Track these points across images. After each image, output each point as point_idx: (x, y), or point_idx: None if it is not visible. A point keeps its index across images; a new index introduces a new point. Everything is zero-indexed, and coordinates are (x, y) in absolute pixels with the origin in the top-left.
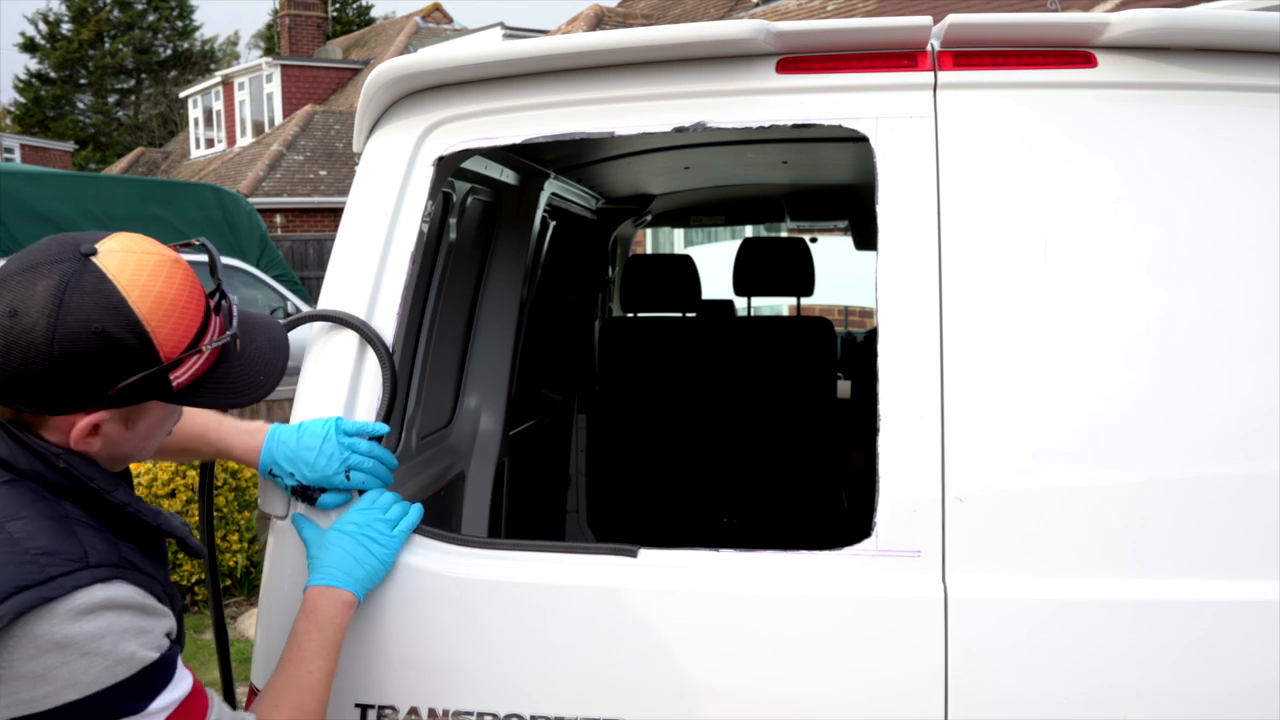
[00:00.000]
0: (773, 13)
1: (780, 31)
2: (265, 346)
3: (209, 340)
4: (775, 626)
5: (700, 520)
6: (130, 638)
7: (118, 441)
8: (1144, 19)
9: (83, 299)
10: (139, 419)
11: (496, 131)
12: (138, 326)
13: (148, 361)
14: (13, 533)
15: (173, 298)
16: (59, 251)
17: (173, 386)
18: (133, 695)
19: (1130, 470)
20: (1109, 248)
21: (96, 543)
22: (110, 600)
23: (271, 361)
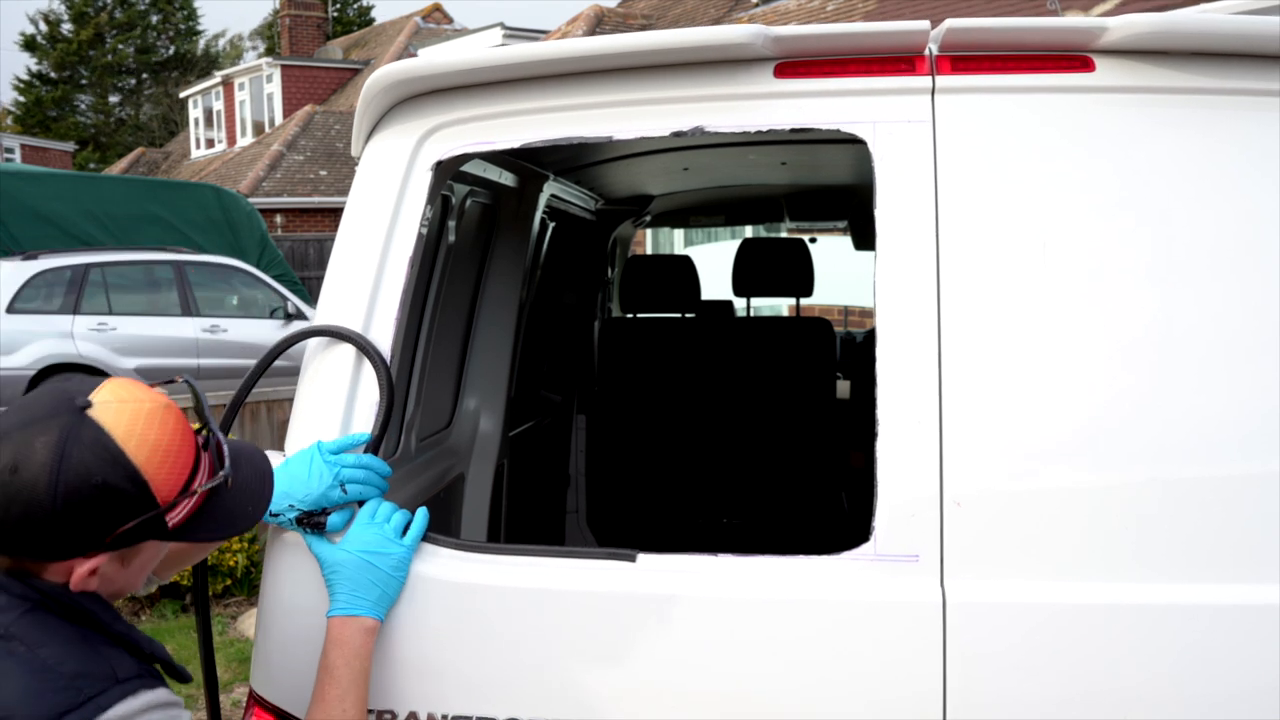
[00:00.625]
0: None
1: (778, 36)
2: (251, 476)
3: (200, 482)
4: (774, 631)
5: (700, 521)
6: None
7: (114, 579)
8: (1142, 23)
9: (83, 452)
10: (134, 557)
11: (495, 136)
12: (136, 475)
13: (145, 507)
14: (45, 659)
15: (166, 444)
16: (54, 405)
17: (168, 526)
18: None
19: (1129, 473)
20: (1107, 251)
21: (119, 658)
22: (156, 701)
23: (259, 491)
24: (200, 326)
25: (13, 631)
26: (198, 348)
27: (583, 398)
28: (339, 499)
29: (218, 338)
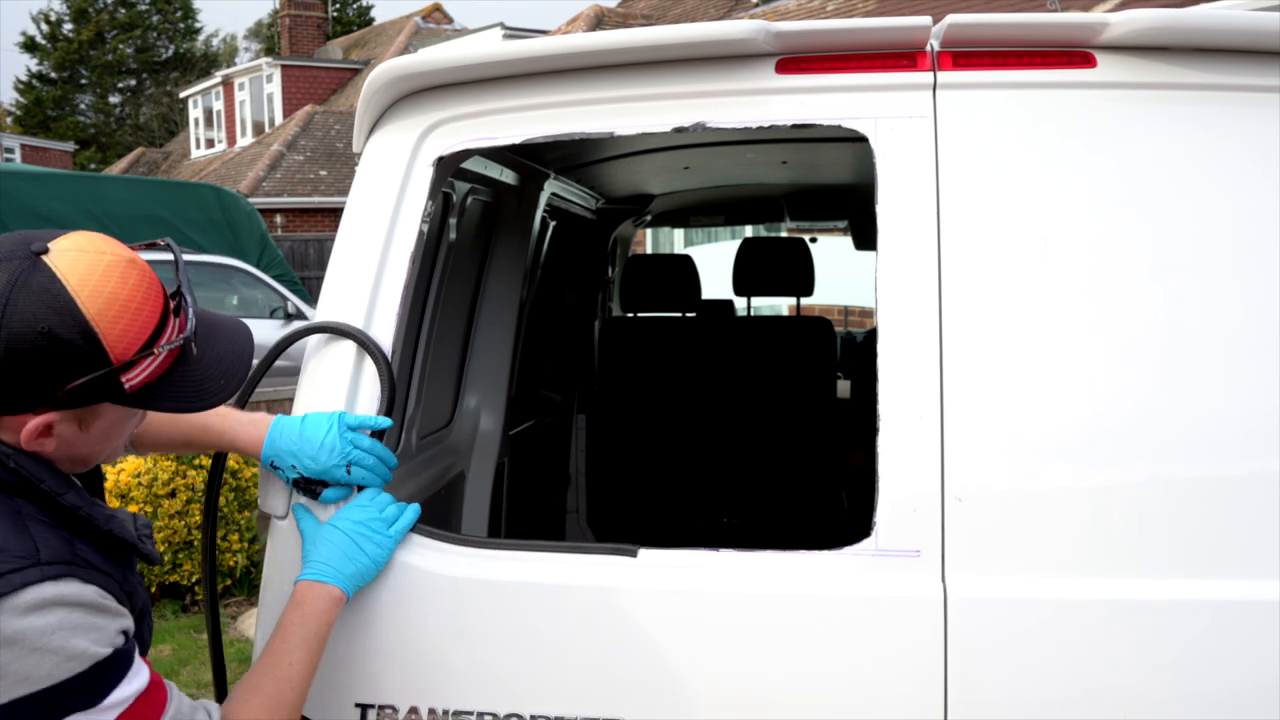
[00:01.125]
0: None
1: (780, 32)
2: (228, 351)
3: (164, 343)
4: (775, 626)
5: (700, 520)
6: (81, 634)
7: (73, 443)
8: (1143, 19)
9: (29, 299)
10: (93, 420)
11: (496, 132)
12: (87, 328)
13: (97, 364)
14: None
15: (125, 298)
16: (9, 249)
17: (125, 389)
18: (85, 691)
19: (1130, 470)
20: (1109, 247)
21: (50, 539)
22: (60, 597)
23: (233, 366)
24: None
25: None
26: None
27: (583, 397)
28: (341, 479)
29: None
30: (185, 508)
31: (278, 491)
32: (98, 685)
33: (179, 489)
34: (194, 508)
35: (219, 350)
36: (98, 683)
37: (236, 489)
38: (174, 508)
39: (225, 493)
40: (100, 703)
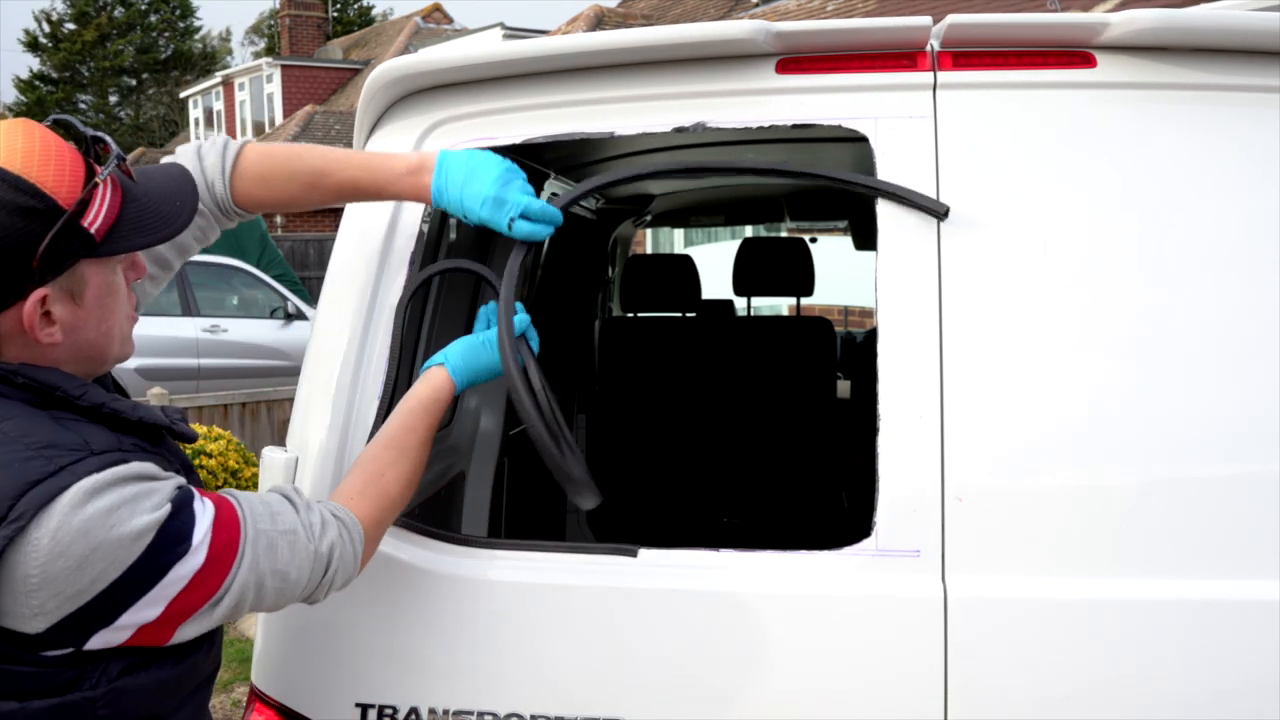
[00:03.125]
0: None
1: (780, 32)
2: (164, 180)
3: (102, 172)
4: (775, 626)
5: (700, 520)
6: (142, 502)
7: (76, 325)
8: (1143, 19)
9: None
10: (82, 289)
11: (496, 132)
12: (23, 183)
13: (51, 214)
14: (8, 431)
15: (41, 148)
16: None
17: (93, 236)
18: (171, 545)
19: (1132, 470)
20: (1108, 248)
21: (95, 432)
22: (116, 476)
23: (178, 189)
24: (200, 326)
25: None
26: (198, 348)
27: (583, 397)
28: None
29: (218, 338)
30: None
31: None
32: (179, 536)
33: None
34: None
35: (156, 182)
36: (178, 535)
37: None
38: None
39: None
40: (188, 549)
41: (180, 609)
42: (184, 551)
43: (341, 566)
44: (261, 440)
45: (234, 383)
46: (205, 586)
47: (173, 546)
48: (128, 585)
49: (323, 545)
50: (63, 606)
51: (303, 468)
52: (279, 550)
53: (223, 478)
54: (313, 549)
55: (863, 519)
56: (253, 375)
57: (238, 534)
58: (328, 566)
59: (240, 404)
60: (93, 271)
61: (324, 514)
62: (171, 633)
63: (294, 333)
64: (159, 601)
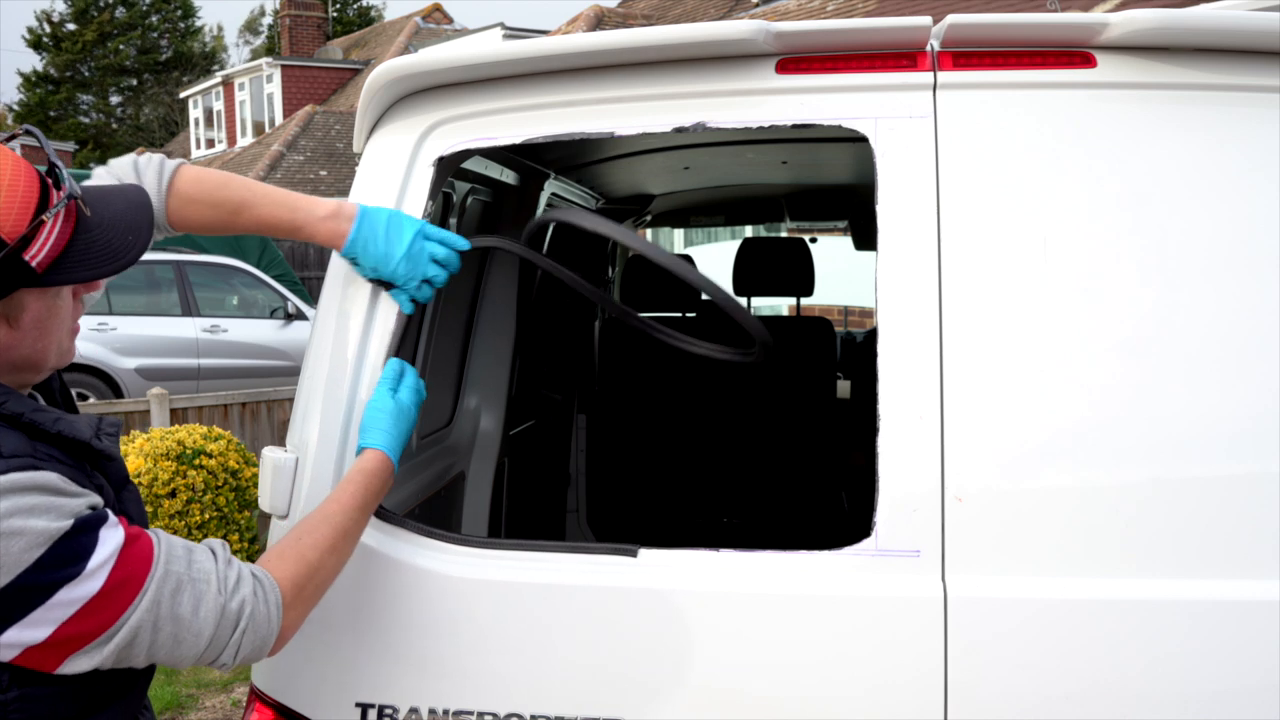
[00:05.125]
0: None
1: (780, 32)
2: (124, 208)
3: (52, 208)
4: (775, 626)
5: (700, 520)
6: (40, 514)
7: (10, 344)
8: (1143, 19)
9: None
10: (19, 314)
11: (496, 132)
12: None
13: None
14: None
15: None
16: None
17: (34, 268)
18: (63, 563)
19: (1131, 470)
20: (1108, 248)
21: (9, 438)
22: (15, 483)
23: (136, 220)
24: (200, 326)
25: None
26: (198, 348)
27: (583, 397)
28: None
29: (218, 338)
30: (185, 508)
31: (279, 490)
32: (73, 555)
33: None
34: (194, 508)
35: (115, 210)
36: (72, 553)
37: (237, 489)
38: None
39: (225, 493)
40: (83, 570)
41: (68, 636)
42: (76, 574)
43: (252, 627)
44: (261, 440)
45: (234, 383)
46: (98, 617)
47: (65, 565)
48: (10, 598)
49: (233, 602)
50: None
51: (302, 468)
52: (184, 596)
53: (223, 478)
54: (221, 603)
55: (863, 519)
56: (253, 375)
57: (145, 568)
58: (236, 624)
59: (240, 404)
60: (32, 299)
61: (242, 572)
62: (59, 662)
63: (294, 333)
64: (44, 624)
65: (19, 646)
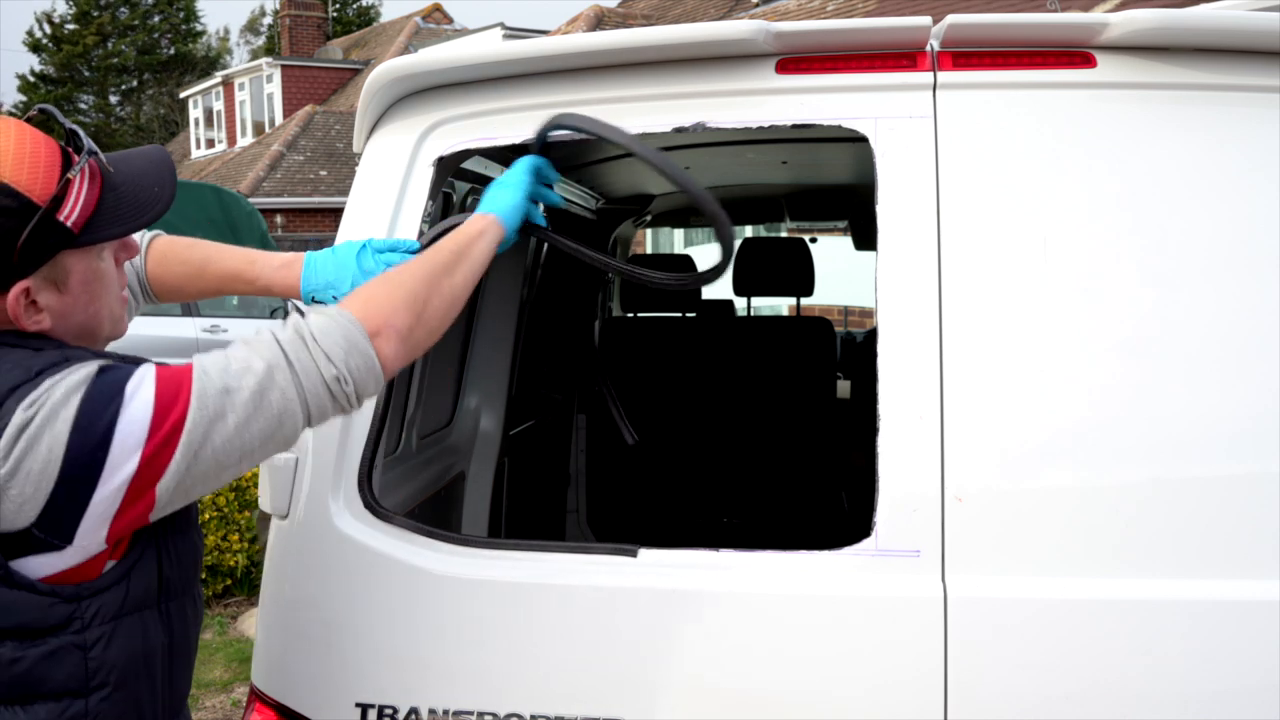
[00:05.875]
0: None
1: (780, 32)
2: (145, 165)
3: (76, 166)
4: (775, 626)
5: (700, 520)
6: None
7: (64, 310)
8: (1143, 19)
9: None
10: (66, 278)
11: (496, 132)
12: None
13: (26, 210)
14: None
15: (14, 146)
16: None
17: (70, 228)
18: (109, 395)
19: (1131, 470)
20: (1108, 248)
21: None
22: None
23: (158, 173)
24: (200, 326)
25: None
26: (198, 347)
27: (583, 397)
28: None
29: (217, 338)
30: None
31: (279, 490)
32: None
33: None
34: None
35: (137, 167)
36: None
37: (237, 489)
38: None
39: (225, 492)
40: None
41: (156, 449)
42: (121, 401)
43: (321, 334)
44: None
45: None
46: (170, 415)
47: (110, 397)
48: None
49: (284, 332)
50: (39, 489)
51: (302, 468)
52: (231, 355)
53: None
54: (267, 337)
55: (863, 519)
56: None
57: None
58: (303, 341)
59: None
60: (75, 260)
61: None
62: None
63: None
64: (128, 454)
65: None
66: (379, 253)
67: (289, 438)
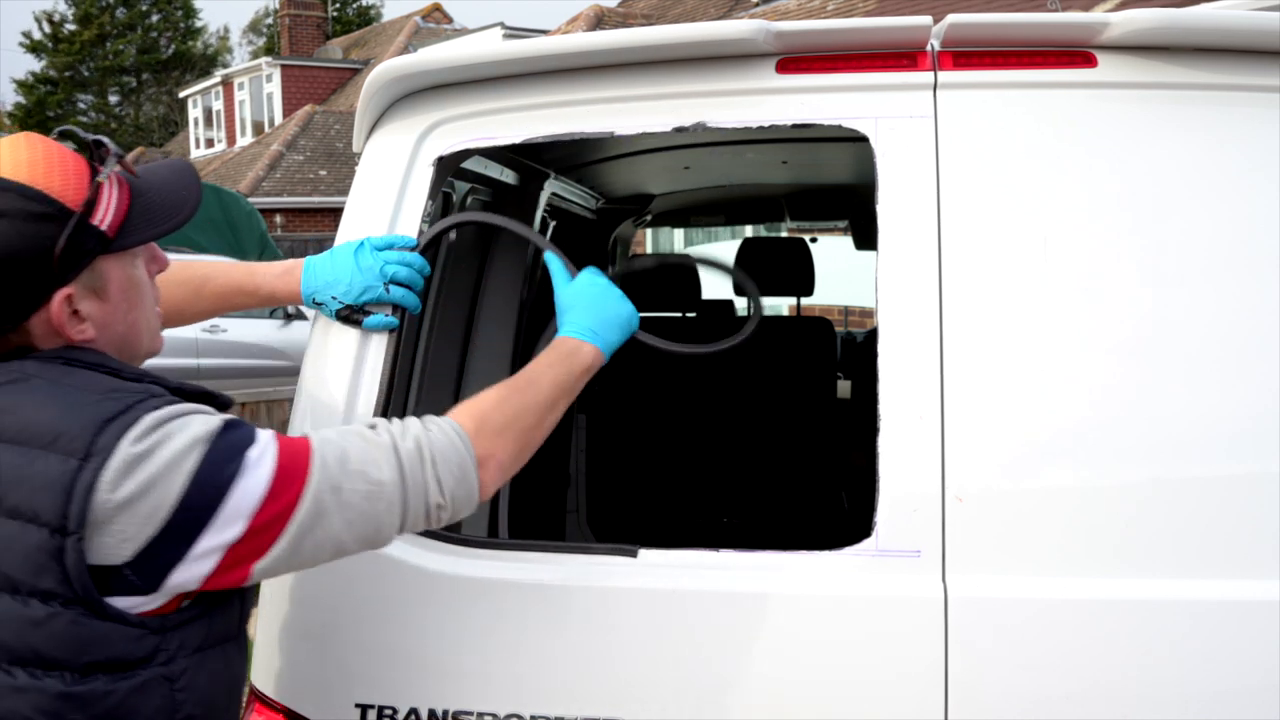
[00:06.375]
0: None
1: (780, 31)
2: (169, 172)
3: (104, 172)
4: (775, 626)
5: (700, 520)
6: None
7: (105, 319)
8: (1144, 19)
9: None
10: (105, 286)
11: (496, 131)
12: (29, 190)
13: (62, 216)
14: (74, 384)
15: (43, 156)
16: None
17: (106, 232)
18: (231, 456)
19: (1131, 470)
20: (1109, 248)
21: (151, 386)
22: (177, 410)
23: (183, 178)
24: (200, 326)
25: (31, 372)
26: (197, 347)
27: (583, 397)
28: (382, 297)
29: (217, 338)
30: None
31: None
32: (236, 448)
33: None
34: None
35: (161, 175)
36: (232, 446)
37: None
38: None
39: None
40: (246, 459)
41: (263, 524)
42: (242, 465)
43: (441, 458)
44: None
45: (234, 383)
46: (280, 500)
47: (232, 458)
48: (195, 497)
49: (405, 442)
50: (143, 529)
51: None
52: (351, 453)
53: None
54: (392, 443)
55: (863, 519)
56: (253, 375)
57: (304, 444)
58: (421, 459)
59: (240, 404)
60: (112, 267)
61: (405, 421)
62: (251, 564)
63: (294, 333)
64: (237, 519)
65: (214, 553)
66: (377, 250)
67: (379, 544)
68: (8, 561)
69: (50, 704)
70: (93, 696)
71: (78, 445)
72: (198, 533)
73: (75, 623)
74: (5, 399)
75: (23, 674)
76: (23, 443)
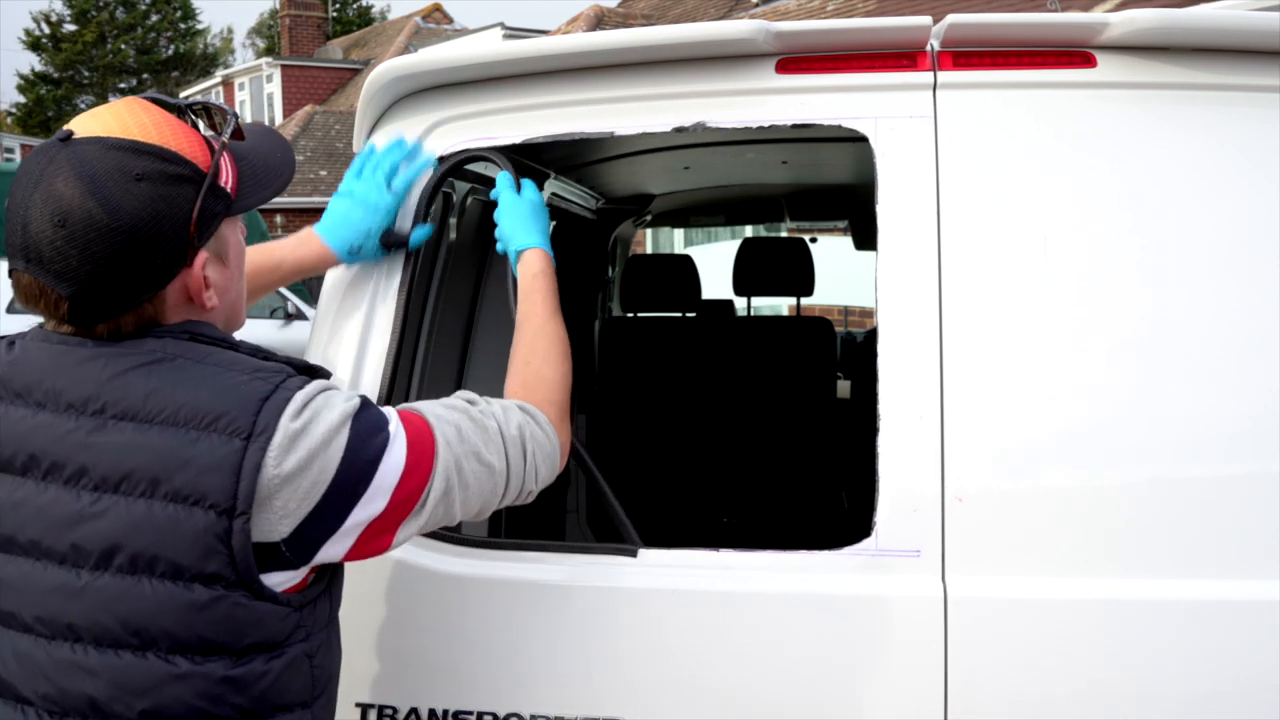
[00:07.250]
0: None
1: (780, 31)
2: (258, 136)
3: (219, 134)
4: (775, 626)
5: (700, 520)
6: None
7: (225, 286)
8: (1143, 19)
9: (101, 164)
10: (225, 249)
11: (496, 131)
12: (165, 152)
13: (197, 177)
14: (219, 363)
15: (160, 120)
16: (47, 153)
17: (230, 194)
18: (374, 432)
19: (1130, 470)
20: (1108, 248)
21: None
22: (318, 387)
23: (276, 141)
24: None
25: (172, 351)
26: None
27: (583, 397)
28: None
29: None
30: None
31: None
32: (373, 425)
33: None
34: None
35: (256, 138)
36: (373, 422)
37: None
38: None
39: None
40: (388, 436)
41: (401, 500)
42: (386, 439)
43: (538, 448)
44: None
45: None
46: (417, 475)
47: (375, 433)
48: (349, 471)
49: (510, 428)
50: (303, 504)
51: None
52: (465, 431)
53: None
54: (497, 427)
55: (863, 519)
56: None
57: (425, 422)
58: (523, 448)
59: None
60: (229, 231)
61: (505, 403)
62: (392, 535)
63: (294, 332)
64: (382, 493)
65: (359, 526)
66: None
67: (477, 519)
68: (172, 546)
69: (213, 689)
70: (251, 678)
71: (241, 425)
72: (350, 506)
73: (237, 604)
74: (152, 381)
75: (184, 661)
76: (179, 424)
